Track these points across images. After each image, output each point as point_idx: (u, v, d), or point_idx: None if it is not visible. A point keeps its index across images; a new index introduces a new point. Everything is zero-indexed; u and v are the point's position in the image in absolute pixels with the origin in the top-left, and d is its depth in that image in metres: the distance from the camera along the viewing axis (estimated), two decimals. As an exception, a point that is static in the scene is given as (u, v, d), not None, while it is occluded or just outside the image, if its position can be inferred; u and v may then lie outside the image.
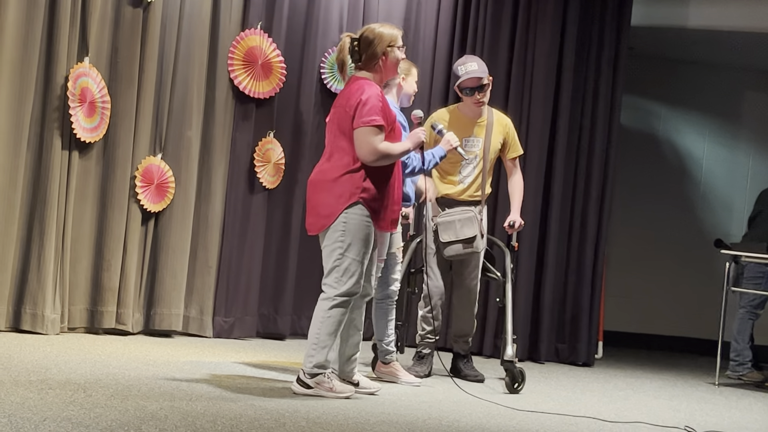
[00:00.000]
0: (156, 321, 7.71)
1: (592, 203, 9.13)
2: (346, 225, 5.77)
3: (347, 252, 5.78)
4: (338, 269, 5.79)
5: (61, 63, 7.07)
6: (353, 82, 5.89)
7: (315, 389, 5.79)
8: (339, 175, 5.78)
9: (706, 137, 11.81)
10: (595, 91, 9.17)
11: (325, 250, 5.85)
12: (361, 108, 5.72)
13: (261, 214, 8.22)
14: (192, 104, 7.81)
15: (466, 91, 7.13)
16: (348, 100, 5.80)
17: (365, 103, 5.72)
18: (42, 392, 5.02)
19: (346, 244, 5.77)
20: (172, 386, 5.60)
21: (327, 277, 5.84)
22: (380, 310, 6.82)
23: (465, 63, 7.20)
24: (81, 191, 7.29)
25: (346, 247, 5.78)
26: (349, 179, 5.77)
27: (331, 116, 5.95)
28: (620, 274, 11.31)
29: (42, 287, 7.00)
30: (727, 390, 8.32)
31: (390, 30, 5.92)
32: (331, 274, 5.81)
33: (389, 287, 6.78)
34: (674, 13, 10.13)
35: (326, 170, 5.85)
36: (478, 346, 8.69)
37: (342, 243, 5.77)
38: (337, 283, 5.80)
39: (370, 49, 5.86)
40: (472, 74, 7.08)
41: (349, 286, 5.79)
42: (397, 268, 6.81)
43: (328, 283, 5.83)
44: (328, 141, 5.93)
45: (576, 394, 7.17)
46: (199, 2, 7.83)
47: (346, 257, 5.78)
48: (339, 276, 5.79)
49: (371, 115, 5.71)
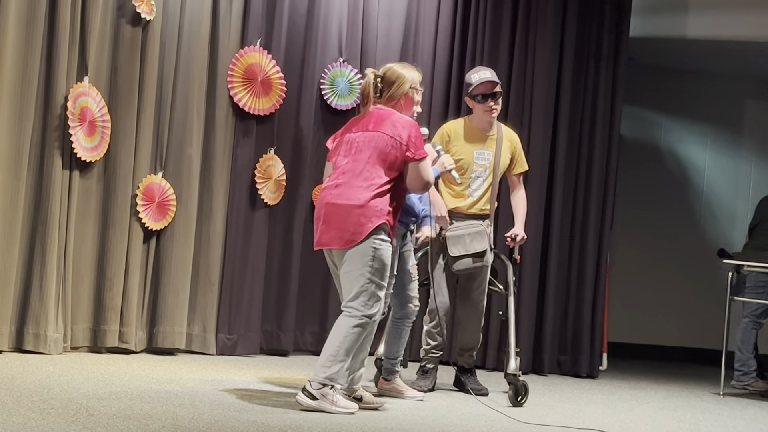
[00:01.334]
0: (159, 339, 7.71)
1: (593, 214, 9.13)
2: (375, 252, 5.88)
3: (374, 277, 5.89)
4: (366, 293, 5.88)
5: (61, 83, 7.08)
6: (385, 111, 6.13)
7: (320, 401, 5.79)
8: (368, 200, 5.91)
9: (707, 146, 11.81)
10: (595, 101, 9.17)
11: (352, 273, 5.90)
12: (415, 140, 6.00)
13: (262, 231, 8.22)
14: (192, 122, 7.82)
15: (479, 98, 7.12)
16: (393, 127, 6.00)
17: (416, 136, 6.03)
18: (44, 413, 5.02)
19: (374, 269, 5.89)
20: (175, 404, 5.60)
21: (353, 300, 5.90)
22: (396, 329, 6.81)
23: (478, 71, 7.23)
24: (82, 210, 7.30)
25: (374, 272, 5.89)
26: (377, 202, 5.92)
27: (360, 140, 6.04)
28: (624, 285, 11.30)
29: (44, 307, 7.00)
30: (732, 400, 8.31)
31: (411, 73, 6.24)
32: (359, 297, 5.88)
33: (408, 306, 6.76)
34: (674, 23, 10.14)
35: (353, 196, 5.92)
36: (481, 359, 8.68)
37: (371, 268, 5.88)
38: (364, 306, 5.88)
39: (391, 90, 6.19)
40: (486, 80, 7.09)
41: (375, 309, 5.91)
42: (413, 285, 6.80)
43: (354, 306, 5.90)
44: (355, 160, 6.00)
45: (580, 406, 7.16)
46: (198, 20, 7.84)
47: (373, 282, 5.89)
48: (366, 300, 5.88)
49: (422, 148, 6.05)
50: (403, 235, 6.74)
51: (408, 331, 6.84)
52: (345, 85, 8.53)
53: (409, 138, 5.97)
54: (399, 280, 6.65)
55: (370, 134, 6.02)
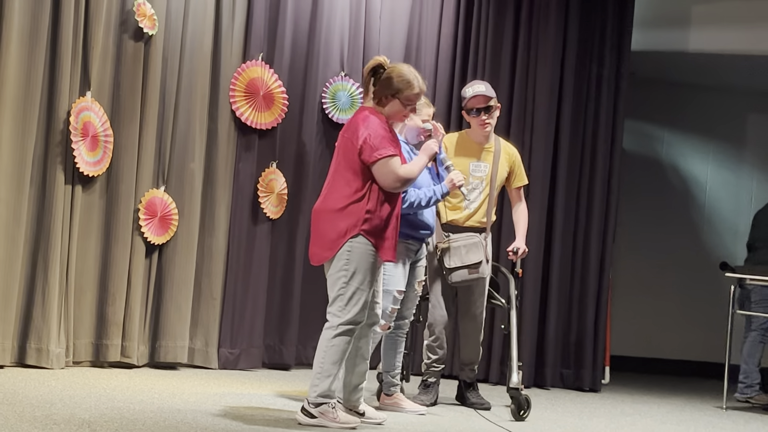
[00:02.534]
0: (161, 353, 7.70)
1: (595, 228, 9.13)
2: (350, 253, 5.79)
3: (351, 280, 5.79)
4: (342, 297, 5.80)
5: (63, 97, 7.10)
6: (359, 113, 5.95)
7: (319, 419, 5.77)
8: (343, 206, 5.81)
9: (709, 161, 11.82)
10: (597, 115, 9.18)
11: (330, 278, 5.87)
12: (370, 142, 5.76)
13: (265, 245, 8.22)
14: (194, 136, 7.83)
15: (473, 112, 7.15)
16: (354, 132, 5.83)
17: (372, 136, 5.77)
18: (47, 428, 5.01)
19: (351, 273, 5.79)
20: (178, 419, 5.59)
21: (331, 305, 5.85)
22: (390, 341, 6.80)
23: (472, 85, 7.27)
24: (84, 225, 7.31)
25: (351, 276, 5.79)
26: (353, 210, 5.80)
27: (337, 145, 5.99)
28: (626, 298, 11.29)
29: (47, 322, 7.00)
30: (735, 414, 8.29)
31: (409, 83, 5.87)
32: (336, 302, 5.82)
33: (403, 319, 6.76)
34: (675, 38, 10.15)
35: (330, 200, 5.88)
36: (484, 373, 8.67)
37: (346, 271, 5.79)
38: (341, 311, 5.80)
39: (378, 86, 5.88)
40: (479, 93, 7.11)
41: (353, 314, 5.79)
42: (415, 300, 6.79)
43: (332, 311, 5.84)
44: (332, 170, 5.96)
45: (583, 420, 7.14)
46: (200, 35, 7.86)
47: (350, 285, 5.79)
48: (343, 305, 5.80)
49: (383, 146, 5.76)
50: (416, 251, 6.71)
51: (402, 342, 6.83)
52: (346, 98, 8.54)
53: (364, 141, 5.76)
54: (405, 294, 6.64)
55: (342, 139, 5.92)
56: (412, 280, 6.71)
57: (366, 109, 5.95)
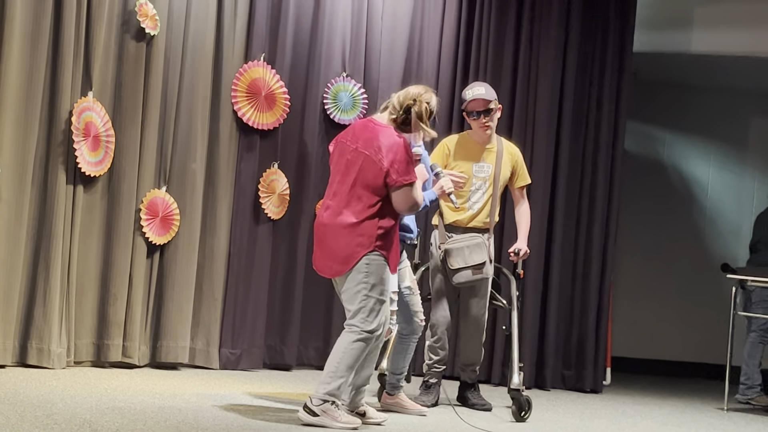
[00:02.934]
0: (162, 353, 7.70)
1: (596, 229, 9.12)
2: (368, 267, 5.87)
3: (371, 292, 5.87)
4: (364, 310, 5.87)
5: (65, 97, 7.10)
6: (376, 128, 5.96)
7: (321, 417, 5.78)
8: (357, 222, 5.87)
9: (711, 162, 11.81)
10: (598, 116, 9.18)
11: (348, 292, 5.92)
12: (397, 167, 5.83)
13: (266, 245, 8.22)
14: (196, 136, 7.83)
15: (473, 115, 7.15)
16: (377, 151, 5.87)
17: (400, 161, 5.85)
18: (48, 427, 5.01)
19: (370, 285, 5.87)
20: (179, 419, 5.60)
21: (353, 318, 5.90)
22: (402, 344, 6.79)
23: (472, 87, 7.26)
24: (86, 225, 7.31)
25: (371, 288, 5.87)
26: (368, 225, 5.87)
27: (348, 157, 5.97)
28: (628, 300, 11.28)
29: (48, 321, 7.00)
30: (736, 415, 8.29)
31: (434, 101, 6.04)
32: (358, 314, 5.88)
33: (414, 321, 6.74)
34: (678, 39, 10.15)
35: (342, 215, 5.91)
36: (486, 374, 8.67)
37: (366, 284, 5.86)
38: (363, 323, 5.87)
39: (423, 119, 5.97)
40: (479, 96, 7.11)
41: (375, 325, 5.88)
42: (415, 300, 6.78)
43: (354, 323, 5.89)
44: (342, 182, 5.96)
45: (584, 422, 7.14)
46: (202, 35, 7.86)
47: (370, 298, 5.87)
48: (365, 316, 5.87)
49: (409, 173, 5.87)
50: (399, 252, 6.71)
51: (414, 346, 6.83)
52: (348, 99, 8.54)
53: (391, 164, 5.83)
54: (401, 297, 6.64)
55: (358, 153, 5.92)
56: (403, 282, 6.68)
57: (380, 125, 5.97)
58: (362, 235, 5.84)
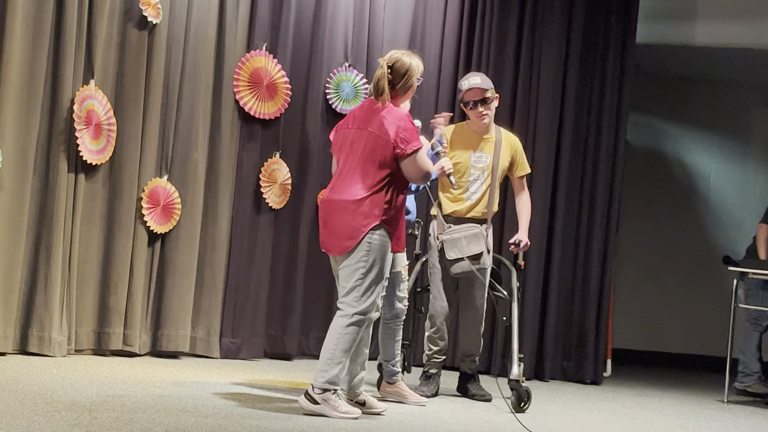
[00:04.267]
0: (163, 342, 7.71)
1: (598, 220, 9.12)
2: (370, 245, 5.87)
3: (369, 272, 5.87)
4: (359, 289, 5.87)
5: (67, 86, 7.10)
6: (379, 108, 6.00)
7: (322, 405, 5.79)
8: (362, 197, 5.89)
9: (714, 154, 11.81)
10: (601, 108, 9.17)
11: (346, 269, 5.92)
12: (403, 134, 5.90)
13: (267, 235, 8.23)
14: (198, 125, 7.83)
15: (470, 105, 7.15)
16: (381, 126, 5.92)
17: (405, 129, 5.92)
18: (48, 415, 5.02)
19: (369, 265, 5.87)
20: (179, 408, 5.60)
21: (346, 296, 5.90)
22: (388, 330, 6.81)
23: (468, 77, 7.27)
24: (87, 213, 7.31)
25: (369, 268, 5.87)
26: (372, 201, 5.88)
27: (352, 137, 6.02)
28: (629, 291, 11.29)
29: (49, 309, 7.01)
30: (736, 408, 8.30)
31: (417, 62, 6.12)
32: (351, 293, 5.88)
33: (397, 307, 6.77)
34: (681, 31, 10.13)
35: (347, 192, 5.93)
36: (485, 365, 8.67)
37: (365, 263, 5.86)
38: (357, 302, 5.87)
39: (403, 82, 6.06)
40: (475, 86, 7.12)
41: (367, 305, 5.87)
42: (403, 286, 6.80)
43: (346, 302, 5.89)
44: (347, 161, 6.01)
45: (584, 413, 7.15)
46: (204, 24, 7.86)
47: (367, 277, 5.88)
48: (359, 296, 5.87)
49: (414, 140, 5.92)
50: None
51: (400, 331, 6.83)
52: (350, 89, 8.53)
53: (396, 134, 5.89)
54: (390, 281, 6.64)
55: (360, 132, 5.99)
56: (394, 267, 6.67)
57: (383, 106, 6.01)
58: (369, 210, 5.86)
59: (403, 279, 6.78)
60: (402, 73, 6.04)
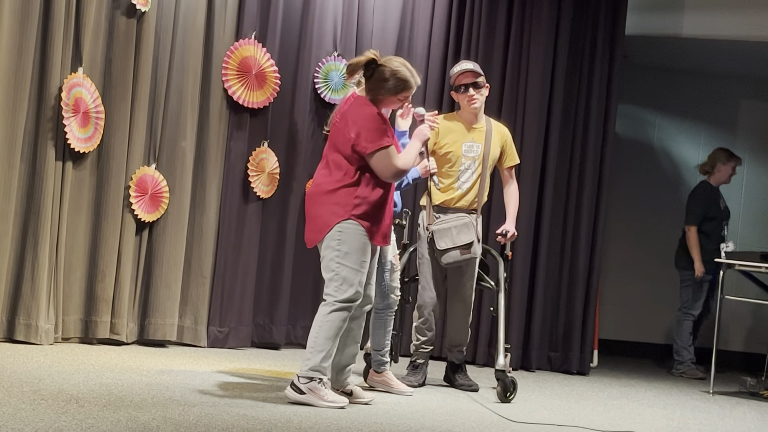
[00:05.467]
0: (150, 331, 7.71)
1: (585, 211, 9.14)
2: (341, 234, 5.86)
3: (344, 260, 5.86)
4: (337, 278, 5.87)
5: (55, 73, 7.08)
6: (353, 103, 5.99)
7: (307, 395, 5.80)
8: (334, 189, 5.89)
9: (701, 145, 11.82)
10: (589, 99, 9.18)
11: (323, 261, 5.95)
12: (366, 133, 5.83)
13: (255, 224, 8.22)
14: (186, 114, 7.82)
15: (461, 89, 7.16)
16: (345, 122, 5.91)
17: (369, 128, 5.84)
18: (34, 403, 5.02)
19: (343, 253, 5.86)
20: (166, 396, 5.60)
21: (327, 287, 5.92)
22: (379, 320, 6.82)
23: (460, 63, 7.32)
24: (75, 201, 7.30)
25: (343, 256, 5.86)
26: (344, 193, 5.88)
27: (332, 129, 6.04)
28: (616, 282, 11.31)
29: (36, 297, 7.00)
30: (722, 399, 8.33)
31: (409, 79, 5.99)
32: (331, 283, 5.89)
33: (389, 296, 6.78)
34: (669, 22, 10.13)
35: (322, 183, 5.96)
36: (471, 355, 8.69)
37: (339, 252, 5.85)
38: (337, 291, 5.87)
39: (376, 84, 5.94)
40: (467, 70, 7.13)
41: (349, 294, 5.87)
42: (395, 275, 6.81)
43: (328, 292, 5.91)
44: (325, 154, 6.05)
45: (570, 403, 7.17)
46: (193, 12, 7.84)
47: (343, 266, 5.86)
48: (338, 285, 5.87)
49: (380, 138, 5.84)
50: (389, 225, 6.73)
51: (391, 321, 6.85)
52: (339, 79, 8.53)
53: (358, 134, 5.83)
54: (380, 272, 6.66)
55: (335, 125, 5.99)
56: (384, 257, 6.68)
57: (359, 98, 5.99)
58: (337, 203, 5.86)
59: (395, 268, 6.79)
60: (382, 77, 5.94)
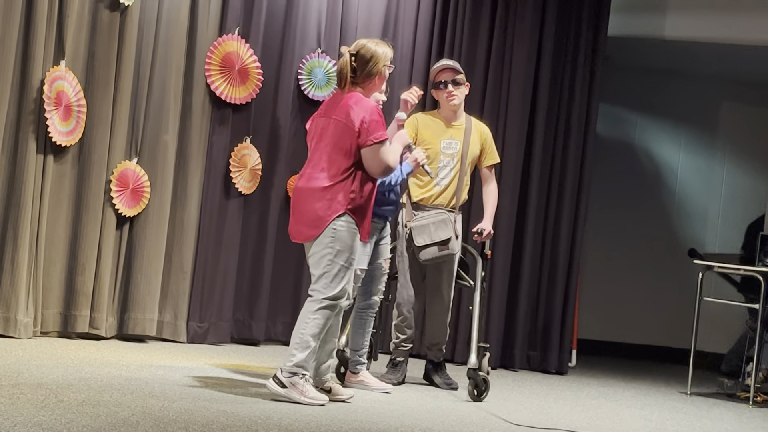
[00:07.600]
0: (130, 325, 7.69)
1: (566, 211, 9.16)
2: (335, 232, 5.90)
3: (336, 258, 5.90)
4: (328, 275, 5.90)
5: (37, 66, 7.05)
6: (348, 97, 6.03)
7: (289, 389, 5.81)
8: (328, 185, 5.93)
9: (681, 146, 11.87)
10: (571, 99, 9.20)
11: (314, 257, 5.96)
12: (368, 125, 5.91)
13: (236, 220, 8.21)
14: (168, 109, 7.80)
15: (441, 85, 7.18)
16: (347, 115, 5.94)
17: (370, 121, 5.92)
18: (13, 397, 5.01)
19: (336, 251, 5.90)
20: (145, 392, 5.60)
21: (316, 283, 5.94)
22: (360, 319, 6.83)
23: (440, 61, 7.37)
24: (56, 195, 7.27)
25: (336, 254, 5.90)
26: (339, 189, 5.92)
27: (321, 126, 6.06)
28: (595, 282, 11.34)
29: (15, 291, 6.97)
30: (699, 399, 8.36)
31: (384, 49, 6.13)
32: (321, 279, 5.92)
33: (372, 297, 6.79)
34: (651, 24, 10.16)
35: (314, 179, 5.98)
36: (450, 353, 8.69)
37: (332, 250, 5.89)
38: (326, 288, 5.90)
39: (367, 68, 6.07)
40: (447, 66, 7.17)
41: (337, 291, 5.90)
42: (382, 279, 6.82)
43: (316, 288, 5.93)
44: (315, 149, 6.06)
45: (549, 403, 7.19)
46: (176, 7, 7.82)
47: (335, 263, 5.90)
48: (328, 281, 5.90)
49: (378, 130, 5.93)
50: (381, 228, 6.75)
51: (371, 322, 6.87)
52: (323, 75, 8.52)
53: (361, 123, 5.91)
54: (369, 273, 6.67)
55: (328, 121, 6.02)
56: (376, 258, 6.72)
57: (355, 95, 6.04)
58: (333, 198, 5.90)
59: (384, 272, 6.80)
60: (366, 60, 6.06)
